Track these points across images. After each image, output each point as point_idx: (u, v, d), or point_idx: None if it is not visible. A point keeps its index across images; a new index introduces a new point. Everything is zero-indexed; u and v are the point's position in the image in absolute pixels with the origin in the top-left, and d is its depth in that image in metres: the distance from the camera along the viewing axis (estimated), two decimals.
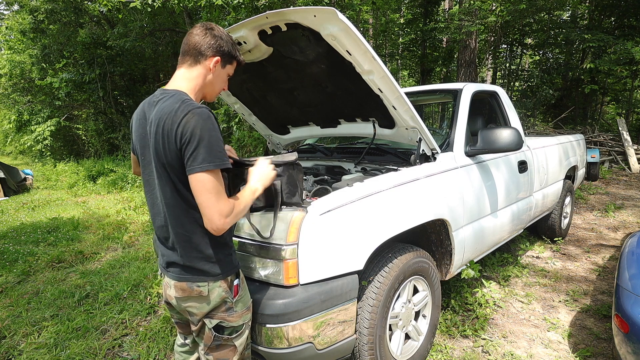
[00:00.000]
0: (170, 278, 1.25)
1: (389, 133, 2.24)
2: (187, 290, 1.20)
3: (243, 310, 1.29)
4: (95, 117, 12.07)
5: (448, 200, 2.12)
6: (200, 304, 1.21)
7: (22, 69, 11.63)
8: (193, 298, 1.21)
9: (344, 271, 1.60)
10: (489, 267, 3.41)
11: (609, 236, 4.32)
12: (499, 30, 11.40)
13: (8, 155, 18.22)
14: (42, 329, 2.63)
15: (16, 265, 3.83)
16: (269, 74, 2.19)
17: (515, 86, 13.29)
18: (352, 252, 1.62)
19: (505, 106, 3.10)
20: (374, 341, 1.74)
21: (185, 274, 1.20)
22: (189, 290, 1.20)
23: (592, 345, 2.32)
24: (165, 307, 2.84)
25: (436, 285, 2.16)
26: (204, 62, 1.22)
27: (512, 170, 2.82)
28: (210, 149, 1.07)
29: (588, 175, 6.97)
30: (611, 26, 11.10)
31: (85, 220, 5.56)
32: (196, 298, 1.20)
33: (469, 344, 2.36)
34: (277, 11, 1.59)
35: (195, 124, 1.06)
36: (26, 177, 8.71)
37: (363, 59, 1.63)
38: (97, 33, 10.73)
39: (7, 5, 11.89)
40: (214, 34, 1.21)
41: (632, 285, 1.81)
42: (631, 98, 12.54)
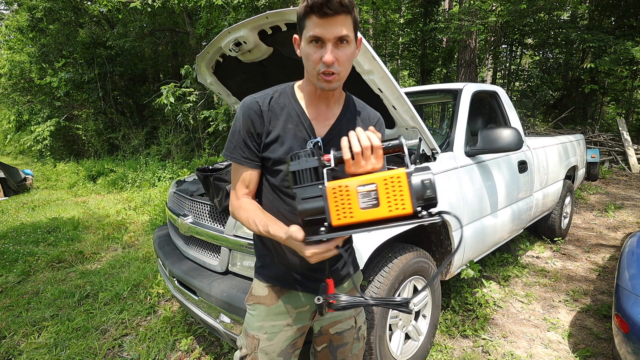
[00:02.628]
0: None
1: (389, 133, 2.24)
2: None
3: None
4: (95, 117, 12.06)
5: (448, 200, 2.12)
6: None
7: (21, 69, 11.63)
8: None
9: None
10: (489, 267, 3.41)
11: (609, 236, 4.32)
12: (499, 30, 11.40)
13: (8, 155, 18.21)
14: (42, 329, 2.63)
15: (16, 265, 3.83)
16: (269, 74, 2.19)
17: (515, 86, 13.30)
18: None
19: (505, 106, 3.10)
20: (374, 341, 1.74)
21: None
22: None
23: (592, 345, 2.32)
24: (170, 306, 2.84)
25: (436, 285, 2.16)
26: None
27: (512, 170, 2.82)
28: (228, 138, 1.09)
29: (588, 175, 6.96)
30: (611, 26, 11.10)
31: (85, 220, 5.56)
32: None
33: (469, 344, 2.36)
34: (277, 11, 1.59)
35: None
36: (26, 177, 8.70)
37: (363, 59, 1.63)
38: (96, 33, 10.72)
39: (6, 5, 11.88)
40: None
41: (632, 285, 1.81)
42: (631, 98, 12.55)
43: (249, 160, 1.06)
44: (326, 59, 0.90)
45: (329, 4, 0.85)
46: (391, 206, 0.75)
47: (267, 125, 1.04)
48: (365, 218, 0.76)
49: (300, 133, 1.04)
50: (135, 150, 10.44)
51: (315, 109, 1.06)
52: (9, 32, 11.30)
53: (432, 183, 0.76)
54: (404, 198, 0.75)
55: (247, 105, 1.04)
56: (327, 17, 0.87)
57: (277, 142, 1.04)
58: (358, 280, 1.26)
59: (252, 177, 1.08)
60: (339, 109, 1.09)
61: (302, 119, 1.04)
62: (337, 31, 0.88)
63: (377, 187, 0.76)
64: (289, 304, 1.14)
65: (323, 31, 0.88)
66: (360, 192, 0.76)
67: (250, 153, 1.05)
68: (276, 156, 1.04)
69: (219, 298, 1.66)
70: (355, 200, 0.76)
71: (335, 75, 0.94)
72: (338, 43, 0.91)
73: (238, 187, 1.09)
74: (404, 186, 0.75)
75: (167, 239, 2.48)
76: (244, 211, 1.05)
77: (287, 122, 1.04)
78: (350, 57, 0.94)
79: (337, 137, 1.01)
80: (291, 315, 1.14)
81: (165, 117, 10.04)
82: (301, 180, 0.82)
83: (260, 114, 1.03)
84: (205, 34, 8.35)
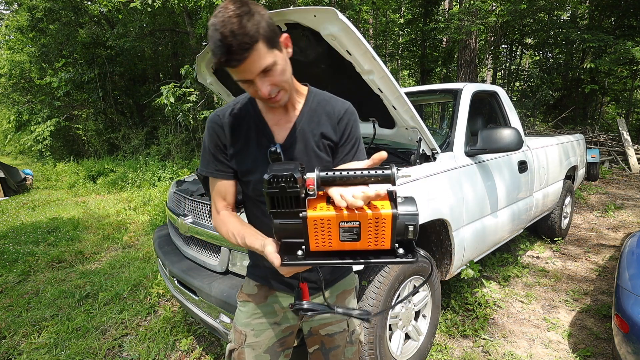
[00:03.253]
0: None
1: (389, 133, 2.24)
2: None
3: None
4: (95, 117, 12.06)
5: (448, 200, 2.12)
6: None
7: (21, 69, 11.62)
8: None
9: None
10: (489, 267, 3.41)
11: (609, 236, 4.32)
12: (499, 30, 11.41)
13: (8, 155, 18.21)
14: (42, 329, 2.63)
15: (16, 265, 3.83)
16: None
17: (515, 86, 13.30)
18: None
19: (505, 106, 3.10)
20: (374, 341, 1.74)
21: None
22: None
23: (592, 345, 2.32)
24: (166, 306, 2.84)
25: (436, 285, 2.16)
26: None
27: (512, 170, 2.82)
28: (201, 155, 1.11)
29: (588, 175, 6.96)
30: (611, 26, 11.11)
31: (85, 220, 5.56)
32: None
33: (469, 344, 2.36)
34: (277, 11, 1.59)
35: None
36: (26, 177, 8.70)
37: (363, 59, 1.63)
38: (96, 33, 10.72)
39: (6, 5, 11.88)
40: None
41: (632, 285, 1.81)
42: (631, 98, 12.55)
43: (221, 172, 1.07)
44: (261, 94, 0.90)
45: (234, 57, 0.81)
46: (370, 241, 0.75)
47: (229, 137, 1.04)
48: (342, 248, 0.76)
49: (262, 141, 1.03)
50: (135, 150, 10.44)
51: (274, 115, 1.05)
52: (9, 32, 11.29)
53: (416, 228, 0.75)
54: (385, 238, 0.74)
55: (210, 120, 1.06)
56: (238, 67, 0.83)
57: (241, 153, 1.04)
58: (351, 283, 1.25)
59: (228, 188, 1.09)
60: (299, 109, 1.06)
61: (262, 126, 1.04)
62: (255, 69, 0.85)
63: (360, 225, 0.74)
64: (276, 303, 1.16)
65: (241, 76, 0.87)
66: (342, 227, 0.74)
67: (221, 165, 1.07)
68: (243, 167, 1.05)
69: (219, 298, 1.66)
70: (336, 234, 0.74)
71: (279, 94, 0.93)
72: (263, 73, 0.87)
73: (216, 201, 1.10)
74: (387, 228, 0.73)
75: (167, 239, 2.48)
76: (224, 225, 1.06)
77: (248, 132, 1.04)
78: (282, 71, 0.90)
79: (300, 139, 1.03)
80: (278, 314, 1.16)
81: (165, 117, 10.03)
82: (279, 204, 0.76)
83: (221, 126, 1.04)
84: (205, 34, 8.35)
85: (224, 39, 0.78)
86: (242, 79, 0.87)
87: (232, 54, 0.80)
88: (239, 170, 1.06)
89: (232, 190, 1.10)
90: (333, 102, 1.09)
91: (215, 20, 0.80)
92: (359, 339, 1.27)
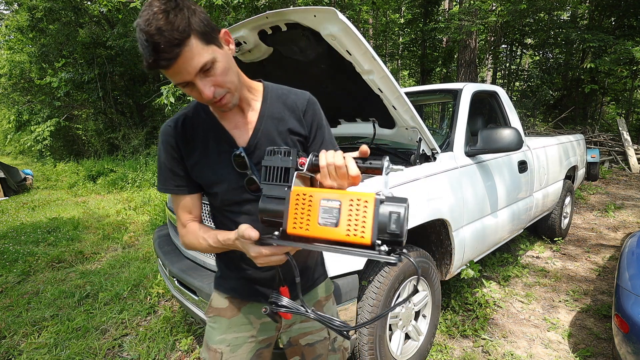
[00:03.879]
0: None
1: (389, 133, 2.24)
2: None
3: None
4: (95, 117, 12.06)
5: (448, 200, 2.12)
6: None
7: (21, 69, 11.62)
8: None
9: (344, 271, 1.59)
10: (489, 267, 3.41)
11: (609, 236, 4.32)
12: (499, 30, 11.40)
13: (8, 155, 18.22)
14: (42, 329, 2.63)
15: (16, 265, 3.82)
16: (269, 74, 2.19)
17: (515, 86, 13.30)
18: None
19: (505, 106, 3.11)
20: (374, 341, 1.74)
21: None
22: None
23: (592, 345, 2.32)
24: (166, 307, 2.84)
25: (436, 285, 2.16)
26: None
27: (512, 170, 2.82)
28: (157, 171, 1.01)
29: (588, 175, 6.96)
30: (611, 26, 11.11)
31: (85, 220, 5.56)
32: None
33: (469, 344, 2.36)
34: (277, 11, 1.59)
35: None
36: (26, 177, 8.70)
37: (363, 59, 1.63)
38: (96, 33, 10.72)
39: (6, 5, 11.88)
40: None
41: (632, 285, 1.81)
42: (631, 98, 12.55)
43: (182, 187, 0.99)
44: (204, 96, 0.80)
45: (164, 56, 0.72)
46: (350, 230, 0.67)
47: (185, 148, 0.96)
48: (320, 235, 0.69)
49: (223, 148, 0.95)
50: (135, 150, 10.44)
51: (232, 118, 0.97)
52: (9, 32, 11.29)
53: (401, 218, 0.65)
54: (365, 225, 0.66)
55: (162, 133, 0.97)
56: (171, 66, 0.74)
57: (201, 164, 0.96)
58: (329, 289, 1.19)
59: (194, 202, 1.02)
60: (258, 108, 0.98)
61: (221, 132, 0.95)
62: (191, 68, 0.76)
63: (340, 206, 0.69)
64: (251, 314, 1.08)
65: (179, 78, 0.77)
66: (322, 206, 0.70)
67: (181, 180, 0.98)
68: (206, 179, 0.97)
69: None
70: (316, 213, 0.70)
71: (225, 95, 0.84)
72: (203, 73, 0.78)
73: (181, 215, 1.02)
74: (369, 212, 0.67)
75: (167, 239, 2.48)
76: (191, 234, 0.98)
77: (206, 141, 0.95)
78: (225, 69, 0.81)
79: (265, 139, 0.95)
80: (255, 326, 1.08)
81: (165, 117, 10.03)
82: (271, 177, 0.79)
83: (175, 137, 0.95)
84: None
85: (151, 37, 0.70)
86: (180, 81, 0.78)
87: (161, 53, 0.72)
88: (202, 182, 0.98)
89: (198, 203, 1.02)
90: (293, 94, 1.02)
91: (139, 20, 0.72)
92: (342, 346, 1.21)
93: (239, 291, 1.08)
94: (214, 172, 0.96)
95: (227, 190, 0.96)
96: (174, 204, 1.03)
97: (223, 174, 0.95)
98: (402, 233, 0.64)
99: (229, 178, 0.95)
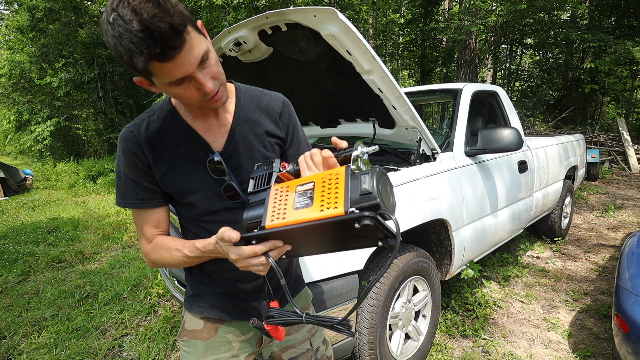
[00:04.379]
0: None
1: (389, 133, 2.24)
2: None
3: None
4: (95, 117, 12.07)
5: (448, 200, 2.12)
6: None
7: (21, 69, 11.63)
8: None
9: (344, 271, 1.59)
10: (489, 267, 3.41)
11: (609, 236, 4.32)
12: (499, 30, 11.41)
13: (8, 155, 18.22)
14: (42, 329, 2.63)
15: (16, 265, 3.83)
16: (269, 74, 2.19)
17: (515, 86, 13.30)
18: (352, 251, 1.62)
19: (505, 106, 3.11)
20: (374, 341, 1.74)
21: None
22: None
23: (592, 345, 2.32)
24: (167, 306, 2.84)
25: (436, 285, 2.16)
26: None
27: (512, 170, 2.82)
28: (115, 183, 0.91)
29: (588, 175, 6.96)
30: (611, 26, 11.11)
31: (85, 220, 5.56)
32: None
33: (469, 344, 2.36)
34: (277, 11, 1.59)
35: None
36: (26, 177, 8.71)
37: (363, 59, 1.63)
38: (96, 33, 10.72)
39: (6, 5, 11.89)
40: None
41: (632, 285, 1.81)
42: (631, 98, 12.55)
43: (147, 201, 0.89)
44: (206, 89, 0.74)
45: (169, 45, 0.64)
46: (323, 205, 0.64)
47: (151, 156, 0.86)
48: (296, 219, 0.66)
49: (195, 154, 0.88)
50: None
51: (204, 122, 0.89)
52: (9, 32, 11.30)
53: (371, 179, 0.61)
54: (338, 197, 0.63)
55: (123, 139, 0.86)
56: (174, 57, 0.66)
57: (171, 173, 0.87)
58: (307, 298, 1.15)
59: (161, 216, 0.92)
60: (232, 110, 0.92)
61: (193, 137, 0.88)
62: (194, 59, 0.69)
63: (314, 186, 0.67)
64: (230, 333, 1.01)
65: (181, 71, 0.69)
66: (297, 192, 0.69)
67: (146, 192, 0.88)
68: (178, 188, 0.89)
69: None
70: (292, 200, 0.69)
71: (220, 88, 0.78)
72: (201, 65, 0.72)
73: (147, 231, 0.91)
74: (340, 183, 0.65)
75: None
76: (161, 249, 0.88)
77: (176, 147, 0.87)
78: (216, 59, 0.76)
79: (242, 143, 0.91)
80: (235, 344, 1.01)
81: None
82: (257, 185, 0.79)
83: (139, 144, 0.85)
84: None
85: (149, 24, 0.60)
86: (181, 75, 0.70)
87: (167, 41, 0.63)
88: (174, 192, 0.90)
89: (166, 216, 0.93)
90: (267, 96, 0.98)
91: (118, 13, 0.61)
92: (325, 355, 1.16)
93: (216, 308, 1.00)
94: (187, 180, 0.88)
95: (202, 199, 0.89)
96: (137, 220, 0.91)
97: (197, 182, 0.88)
98: (374, 191, 0.60)
99: (204, 186, 0.88)
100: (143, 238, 0.92)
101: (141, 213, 0.90)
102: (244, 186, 0.87)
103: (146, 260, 0.93)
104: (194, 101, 0.77)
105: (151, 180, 0.88)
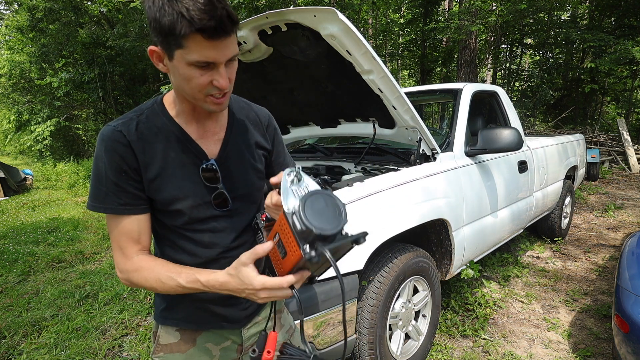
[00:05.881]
0: None
1: (389, 133, 2.24)
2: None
3: None
4: (95, 117, 12.06)
5: (448, 200, 2.12)
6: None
7: (21, 69, 11.63)
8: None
9: (343, 271, 1.59)
10: (489, 267, 3.41)
11: (609, 236, 4.32)
12: (499, 30, 11.40)
13: (8, 155, 18.22)
14: (42, 329, 2.63)
15: (16, 265, 3.83)
16: (269, 74, 2.19)
17: (515, 86, 13.30)
18: (351, 251, 1.62)
19: (505, 106, 3.11)
20: (374, 341, 1.74)
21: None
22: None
23: (592, 345, 2.32)
24: None
25: (436, 285, 2.16)
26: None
27: (512, 170, 2.82)
28: (91, 184, 0.83)
29: (588, 175, 6.96)
30: (611, 26, 11.11)
31: (85, 220, 5.56)
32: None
33: (469, 344, 2.36)
34: (277, 11, 1.59)
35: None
36: (26, 177, 8.71)
37: (363, 59, 1.63)
38: (96, 33, 10.72)
39: (6, 5, 11.89)
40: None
41: (632, 285, 1.81)
42: (631, 98, 12.54)
43: (130, 207, 0.81)
44: (222, 84, 0.74)
45: (223, 27, 0.68)
46: (290, 251, 0.65)
47: (142, 158, 0.80)
48: (287, 268, 0.68)
49: (188, 159, 0.84)
50: None
51: (198, 126, 0.86)
52: (9, 32, 11.30)
53: (301, 214, 0.60)
54: (291, 241, 0.63)
55: (107, 137, 0.79)
56: (220, 39, 0.69)
57: (161, 177, 0.82)
58: (280, 302, 1.12)
59: (142, 226, 0.83)
60: (225, 118, 0.91)
61: (186, 142, 0.84)
62: (229, 52, 0.72)
63: (280, 236, 0.67)
64: (209, 342, 0.97)
65: (215, 55, 0.71)
66: (276, 243, 0.70)
67: (129, 197, 0.80)
68: (167, 195, 0.82)
69: None
70: (277, 254, 0.70)
71: (226, 94, 0.78)
72: (229, 62, 0.75)
73: (125, 245, 0.82)
74: (286, 228, 0.64)
75: None
76: (146, 271, 0.80)
77: (167, 150, 0.82)
78: (235, 68, 0.79)
79: (235, 152, 0.90)
80: (214, 353, 0.97)
81: None
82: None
83: (127, 145, 0.79)
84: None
85: (215, 1, 0.66)
86: (211, 59, 0.71)
87: (223, 23, 0.67)
88: (161, 199, 0.83)
89: (147, 228, 0.85)
90: (255, 108, 0.99)
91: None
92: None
93: (193, 319, 0.95)
94: (178, 186, 0.83)
95: (192, 206, 0.84)
96: (114, 230, 0.82)
97: (188, 189, 0.84)
98: (308, 227, 0.60)
99: (194, 193, 0.84)
100: (119, 252, 0.82)
101: (120, 221, 0.81)
102: (233, 195, 0.89)
103: (122, 277, 0.83)
104: (199, 91, 0.75)
105: (135, 185, 0.81)
